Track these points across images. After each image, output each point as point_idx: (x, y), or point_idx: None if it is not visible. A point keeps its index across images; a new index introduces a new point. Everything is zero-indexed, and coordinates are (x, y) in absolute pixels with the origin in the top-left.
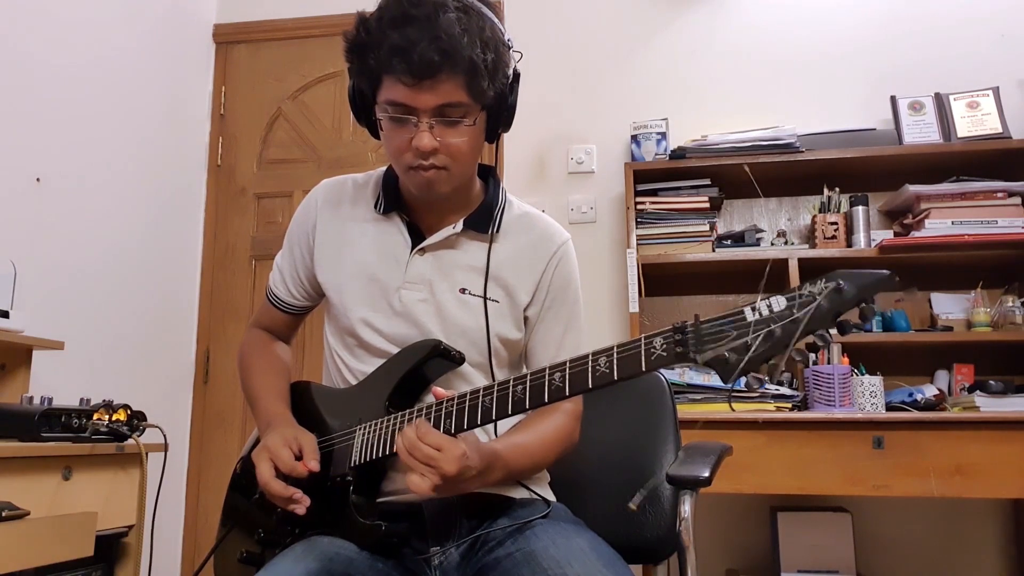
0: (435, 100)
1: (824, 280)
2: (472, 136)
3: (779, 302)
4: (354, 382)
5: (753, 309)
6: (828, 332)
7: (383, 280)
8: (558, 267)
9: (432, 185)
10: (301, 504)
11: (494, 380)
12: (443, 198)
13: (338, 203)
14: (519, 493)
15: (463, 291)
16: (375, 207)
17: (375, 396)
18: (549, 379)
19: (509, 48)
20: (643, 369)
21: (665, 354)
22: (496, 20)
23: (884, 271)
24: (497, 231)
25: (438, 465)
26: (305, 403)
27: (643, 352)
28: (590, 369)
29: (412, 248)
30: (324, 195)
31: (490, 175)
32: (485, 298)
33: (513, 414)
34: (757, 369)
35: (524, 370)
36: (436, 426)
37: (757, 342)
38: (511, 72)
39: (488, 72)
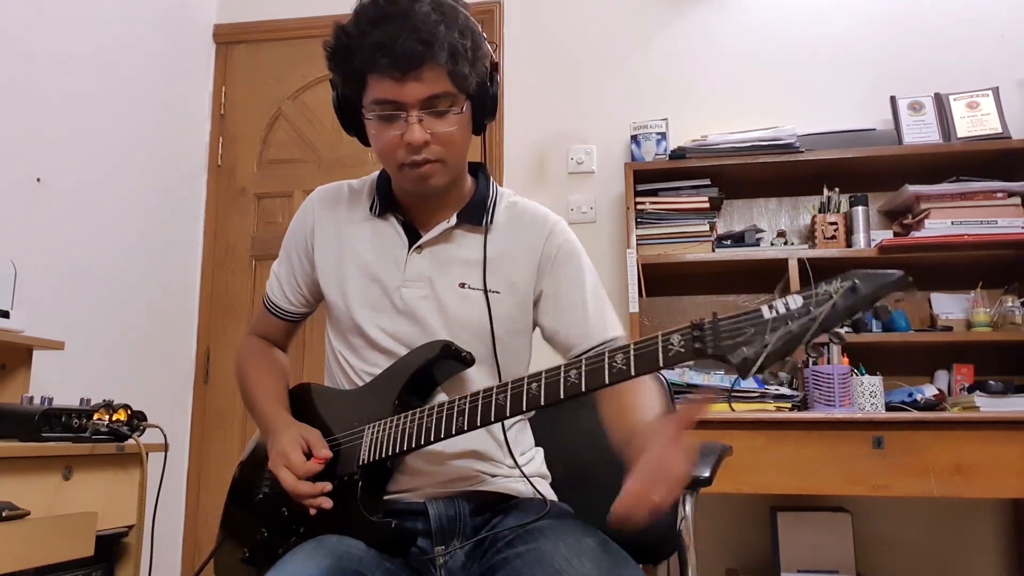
0: (422, 91)
1: (840, 279)
2: (461, 125)
3: (796, 300)
4: (360, 382)
5: (770, 307)
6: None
7: (384, 280)
8: (551, 239)
9: (427, 179)
10: (326, 499)
11: (499, 374)
12: (438, 192)
13: (334, 208)
14: (523, 492)
15: (463, 285)
16: (370, 209)
17: (384, 396)
18: (564, 376)
19: (484, 38)
20: (660, 364)
21: (683, 350)
22: (468, 13)
23: (898, 271)
24: (491, 223)
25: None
26: (311, 404)
27: (660, 348)
28: (607, 366)
29: (409, 246)
30: (320, 201)
31: (479, 170)
32: (486, 291)
33: (528, 410)
34: (773, 365)
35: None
36: (448, 424)
37: (774, 338)
38: (491, 61)
39: (469, 59)
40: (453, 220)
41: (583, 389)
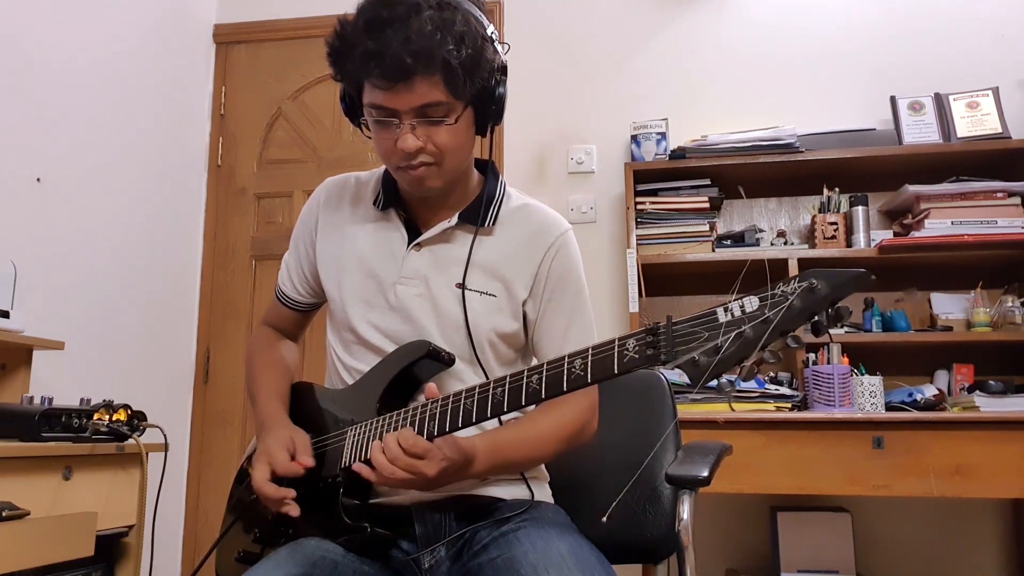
0: (413, 101)
1: (797, 280)
2: (457, 133)
3: (752, 302)
4: (350, 381)
5: (725, 309)
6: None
7: (380, 275)
8: (556, 258)
9: (423, 181)
10: (292, 507)
11: (487, 376)
12: (437, 193)
13: (340, 200)
14: (509, 494)
15: (459, 286)
16: (375, 203)
17: (367, 397)
18: (527, 381)
19: (492, 41)
20: (615, 372)
21: (637, 356)
22: (476, 13)
23: (859, 269)
24: (494, 224)
25: (419, 471)
26: (303, 403)
27: (616, 354)
28: (565, 372)
29: (409, 243)
30: (327, 193)
31: (489, 168)
32: (463, 289)
33: (492, 416)
34: (728, 371)
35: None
36: (420, 428)
37: (727, 343)
38: (496, 65)
39: (465, 69)
40: (455, 220)
41: (543, 395)
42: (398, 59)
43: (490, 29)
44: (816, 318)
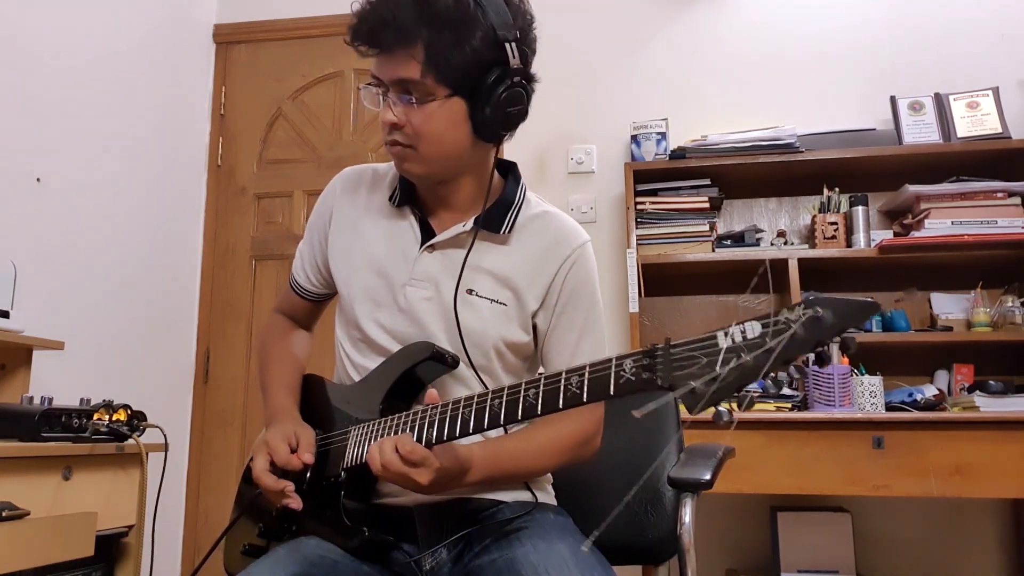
0: (392, 72)
1: (802, 307)
2: (432, 119)
3: (754, 328)
4: (356, 377)
5: (726, 334)
6: (805, 362)
7: (390, 275)
8: (571, 272)
9: (402, 161)
10: (292, 499)
11: (486, 386)
12: (421, 181)
13: (355, 193)
14: (510, 496)
15: (470, 292)
16: (390, 199)
17: (370, 398)
18: (524, 395)
19: (509, 41)
20: (611, 394)
21: (633, 379)
22: (500, 8)
23: (868, 300)
24: (510, 231)
25: (412, 479)
26: (311, 398)
27: (612, 375)
28: (562, 389)
29: (422, 244)
30: (343, 184)
31: (511, 171)
32: (456, 293)
33: (489, 428)
34: (726, 399)
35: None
36: (419, 434)
37: (726, 371)
38: (506, 66)
39: (449, 54)
40: (470, 224)
41: (539, 411)
42: (375, 26)
43: (516, 31)
44: (821, 348)
